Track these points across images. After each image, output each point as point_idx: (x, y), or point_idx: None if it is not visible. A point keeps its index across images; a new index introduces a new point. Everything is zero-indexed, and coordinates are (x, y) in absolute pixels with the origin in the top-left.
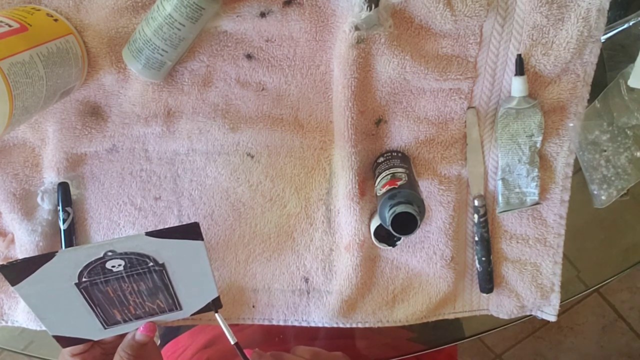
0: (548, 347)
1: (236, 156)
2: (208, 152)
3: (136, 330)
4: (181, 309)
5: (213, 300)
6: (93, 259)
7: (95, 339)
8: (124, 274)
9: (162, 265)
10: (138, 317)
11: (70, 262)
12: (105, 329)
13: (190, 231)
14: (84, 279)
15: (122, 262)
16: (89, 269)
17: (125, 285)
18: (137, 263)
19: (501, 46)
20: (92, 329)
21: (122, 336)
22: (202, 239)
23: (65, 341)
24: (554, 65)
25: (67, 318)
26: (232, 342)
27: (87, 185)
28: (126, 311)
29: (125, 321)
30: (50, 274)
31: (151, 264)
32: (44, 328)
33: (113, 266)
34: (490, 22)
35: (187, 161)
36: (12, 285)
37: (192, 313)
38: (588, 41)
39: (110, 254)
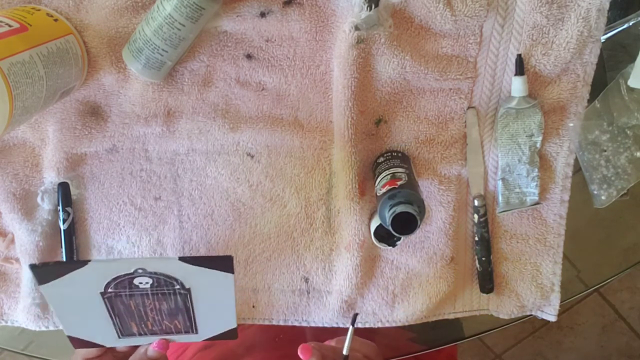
0: (548, 347)
1: (236, 156)
2: (208, 152)
3: (149, 345)
4: (196, 333)
5: (229, 331)
6: (123, 273)
7: (108, 346)
8: (150, 292)
9: (188, 290)
10: (154, 333)
11: (100, 272)
12: (119, 338)
13: (223, 263)
14: (109, 290)
15: (150, 281)
16: (116, 281)
17: (148, 302)
18: (164, 284)
19: (501, 46)
20: (107, 337)
21: (135, 347)
22: (233, 272)
23: (78, 343)
24: (554, 65)
25: (85, 322)
26: None
27: (87, 185)
28: (143, 325)
29: (140, 334)
30: (79, 280)
31: (178, 286)
32: (43, 328)
33: (140, 283)
34: (490, 22)
35: (187, 161)
36: (39, 284)
37: (205, 338)
38: (588, 41)
39: (140, 271)
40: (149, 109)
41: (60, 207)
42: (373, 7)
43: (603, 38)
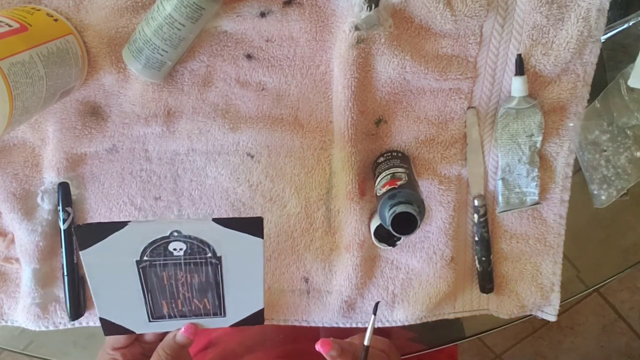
0: (548, 347)
1: (236, 156)
2: (208, 152)
3: (177, 330)
4: (224, 315)
5: (256, 313)
6: (159, 236)
7: (138, 332)
8: (183, 260)
9: (219, 259)
10: (182, 315)
11: (138, 234)
12: (149, 321)
13: (253, 226)
14: (145, 258)
15: (184, 247)
16: (152, 247)
17: (180, 273)
18: (197, 251)
19: (501, 46)
20: (138, 320)
21: (162, 336)
22: (262, 237)
23: (109, 327)
24: (554, 65)
25: (119, 300)
26: None
27: (87, 185)
28: (174, 305)
29: (170, 317)
30: (118, 244)
31: (209, 254)
32: (43, 328)
33: (175, 249)
34: (490, 22)
35: (187, 161)
36: (81, 249)
37: (233, 323)
38: (588, 41)
39: (175, 234)
40: (149, 109)
41: (60, 207)
42: (373, 7)
43: (603, 38)
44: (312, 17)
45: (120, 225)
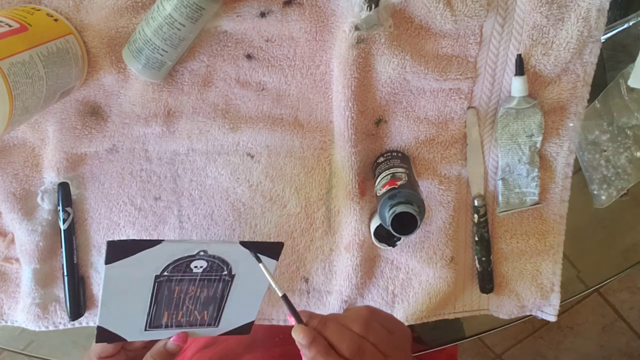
0: (548, 347)
1: (236, 156)
2: (208, 152)
3: (168, 338)
4: (217, 326)
5: (245, 325)
6: (186, 254)
7: (129, 340)
8: (199, 277)
9: (233, 276)
10: (179, 325)
11: (167, 253)
12: (144, 330)
13: (273, 249)
14: (165, 273)
15: (205, 265)
16: (176, 264)
17: (192, 288)
18: (216, 269)
19: (501, 46)
20: (134, 328)
21: (149, 345)
22: (277, 260)
23: (103, 335)
24: (554, 65)
25: (122, 310)
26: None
27: (87, 185)
28: (174, 316)
29: (166, 327)
30: (144, 261)
31: (225, 272)
32: (43, 328)
33: (196, 266)
34: (490, 22)
35: (187, 161)
36: (107, 263)
37: (222, 332)
38: (588, 41)
39: (202, 253)
40: (149, 109)
41: (60, 207)
42: (373, 7)
43: (603, 38)
44: (312, 17)
45: (153, 243)
